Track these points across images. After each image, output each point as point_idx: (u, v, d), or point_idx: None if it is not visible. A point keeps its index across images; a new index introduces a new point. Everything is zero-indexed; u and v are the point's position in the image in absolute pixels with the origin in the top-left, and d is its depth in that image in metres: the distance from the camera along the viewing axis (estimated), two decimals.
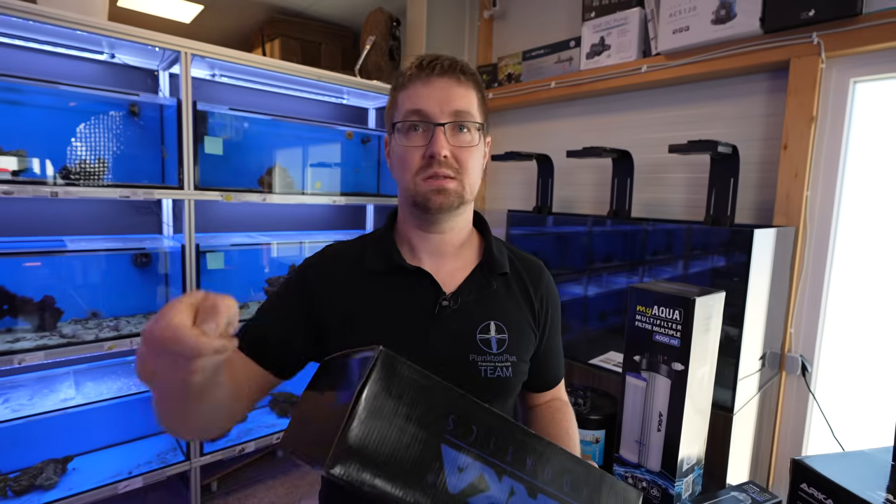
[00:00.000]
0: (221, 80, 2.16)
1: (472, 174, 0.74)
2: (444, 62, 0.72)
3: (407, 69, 0.73)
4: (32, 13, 1.42)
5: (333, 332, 0.73)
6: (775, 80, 1.66)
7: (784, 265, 1.58)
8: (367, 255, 0.78)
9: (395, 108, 0.74)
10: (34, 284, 1.72)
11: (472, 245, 0.83)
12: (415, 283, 0.75)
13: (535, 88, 2.28)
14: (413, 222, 0.78)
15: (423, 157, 0.71)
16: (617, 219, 1.90)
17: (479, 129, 0.74)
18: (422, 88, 0.71)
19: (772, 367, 1.62)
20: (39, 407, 1.63)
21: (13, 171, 1.57)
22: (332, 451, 0.41)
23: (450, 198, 0.72)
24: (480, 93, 0.76)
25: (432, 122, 0.70)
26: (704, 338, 0.95)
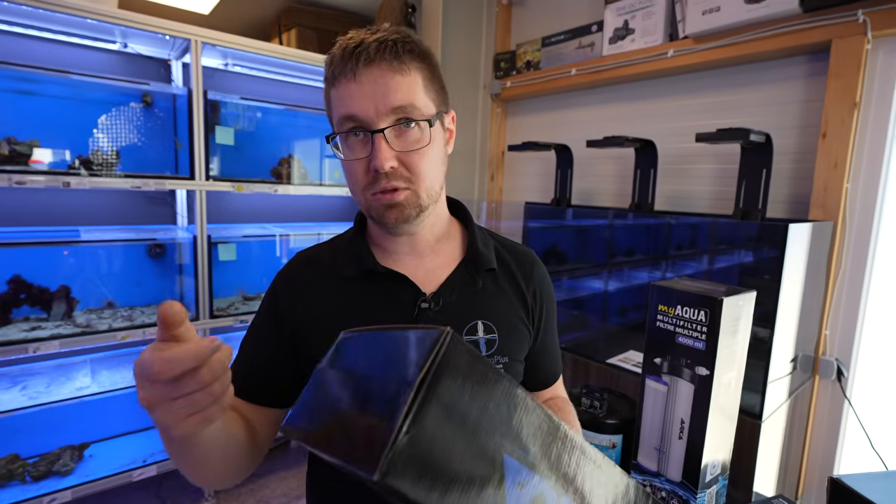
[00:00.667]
0: (234, 70, 2.13)
1: (427, 178, 0.63)
2: (370, 46, 0.58)
3: (332, 59, 0.61)
4: (43, 1, 1.41)
5: (310, 345, 0.68)
6: (814, 63, 1.54)
7: (820, 262, 1.47)
8: (338, 259, 0.71)
9: (331, 110, 0.64)
10: (50, 274, 1.74)
11: (453, 238, 0.75)
12: (391, 287, 0.68)
13: (555, 76, 2.19)
14: (379, 228, 0.70)
15: (368, 170, 0.61)
16: (639, 212, 1.82)
17: (430, 121, 0.63)
18: (351, 86, 0.59)
19: (804, 371, 1.52)
20: (56, 395, 1.65)
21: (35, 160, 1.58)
22: (387, 456, 0.32)
23: (405, 211, 0.63)
24: (427, 67, 0.63)
25: (369, 130, 0.60)
26: (732, 341, 0.88)
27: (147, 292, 1.99)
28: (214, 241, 1.85)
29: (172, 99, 1.90)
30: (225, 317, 1.90)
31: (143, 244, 1.94)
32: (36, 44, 1.72)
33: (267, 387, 0.68)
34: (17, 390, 1.66)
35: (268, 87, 2.27)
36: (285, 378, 0.69)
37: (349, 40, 0.61)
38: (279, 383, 0.68)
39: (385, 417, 0.34)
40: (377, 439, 0.33)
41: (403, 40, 0.61)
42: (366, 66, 0.59)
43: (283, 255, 2.26)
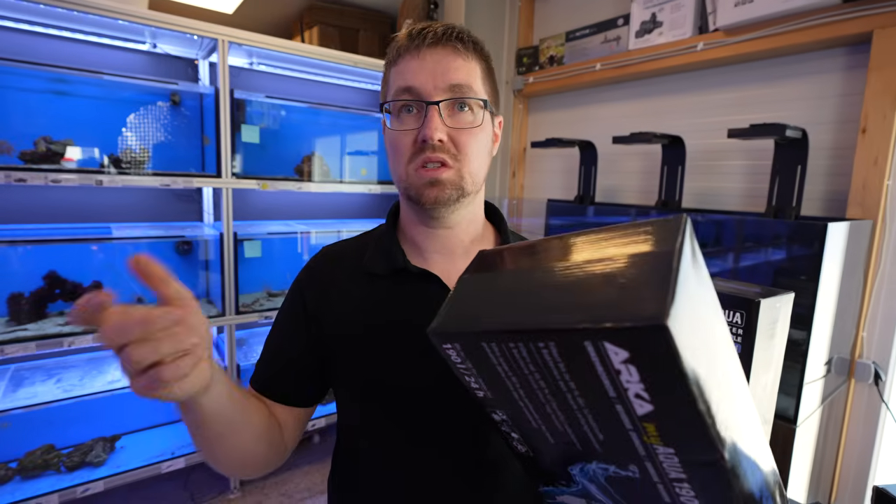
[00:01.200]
0: (259, 69, 2.16)
1: (472, 161, 0.63)
2: (436, 29, 0.61)
3: (397, 40, 0.64)
4: (75, 3, 1.44)
5: (337, 346, 0.67)
6: (853, 56, 1.49)
7: (857, 262, 1.42)
8: (367, 256, 0.69)
9: (387, 88, 0.65)
10: (83, 270, 1.79)
11: (486, 241, 0.73)
12: (422, 288, 0.66)
13: (579, 71, 2.16)
14: (414, 218, 0.68)
15: (416, 141, 0.61)
16: (666, 209, 1.78)
17: (484, 108, 0.64)
18: (413, 62, 0.61)
19: (839, 374, 1.47)
20: (89, 387, 1.70)
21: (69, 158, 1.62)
22: (670, 292, 0.29)
23: (445, 190, 0.61)
24: (485, 63, 0.65)
25: (425, 101, 0.60)
26: (769, 344, 0.85)
27: None
28: (240, 238, 1.88)
29: (199, 98, 1.93)
30: (250, 312, 1.93)
31: (171, 241, 1.97)
32: (69, 45, 1.77)
33: (293, 385, 0.67)
34: (52, 383, 1.71)
35: (291, 86, 2.29)
36: (311, 376, 0.68)
37: (415, 25, 0.63)
38: (305, 381, 0.68)
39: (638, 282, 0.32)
40: (636, 294, 0.31)
41: (469, 33, 0.63)
42: (430, 46, 0.61)
43: (305, 252, 2.28)
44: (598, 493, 0.43)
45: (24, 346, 1.49)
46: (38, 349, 1.52)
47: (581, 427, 0.38)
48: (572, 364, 0.33)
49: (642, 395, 0.32)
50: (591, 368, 0.32)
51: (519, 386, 0.39)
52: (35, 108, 1.66)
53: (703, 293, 0.36)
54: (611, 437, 0.37)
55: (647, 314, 0.28)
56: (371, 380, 0.65)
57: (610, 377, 0.32)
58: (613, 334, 0.30)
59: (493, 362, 0.38)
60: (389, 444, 0.65)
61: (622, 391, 0.32)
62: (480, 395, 0.43)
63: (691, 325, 0.31)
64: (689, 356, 0.30)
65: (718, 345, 0.36)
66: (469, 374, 0.42)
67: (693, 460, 0.34)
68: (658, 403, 0.32)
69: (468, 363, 0.40)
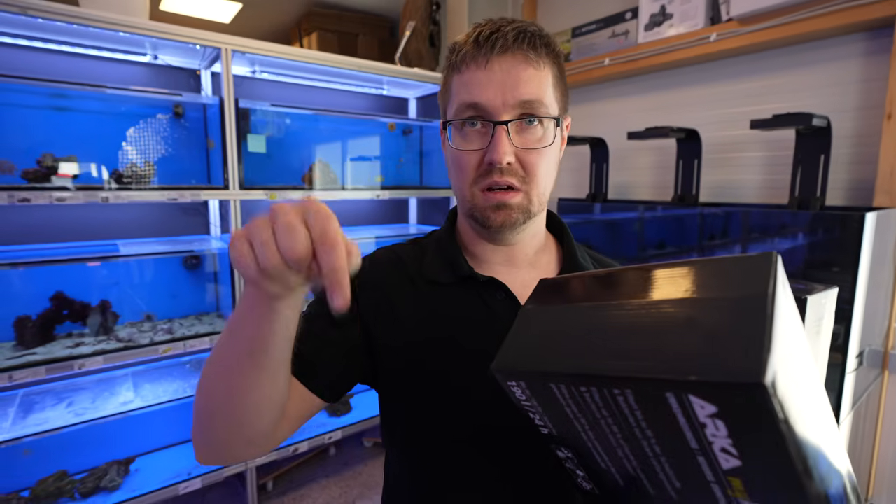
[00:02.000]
0: (262, 77, 2.12)
1: (541, 182, 0.59)
2: (507, 35, 0.55)
3: (462, 44, 0.58)
4: (75, 16, 1.40)
5: (386, 337, 0.62)
6: (876, 41, 1.45)
7: (886, 251, 1.39)
8: (426, 262, 0.66)
9: (449, 98, 0.61)
10: (91, 289, 1.75)
11: (549, 251, 0.70)
12: (488, 297, 0.63)
13: (587, 67, 2.12)
14: (475, 235, 0.66)
15: (481, 163, 0.57)
16: (683, 204, 1.74)
17: (556, 122, 0.59)
18: (479, 74, 0.56)
19: (871, 367, 1.43)
20: (102, 410, 1.65)
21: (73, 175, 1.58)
22: (766, 346, 0.27)
23: (513, 215, 0.58)
24: (558, 68, 0.60)
25: (491, 120, 0.56)
26: (816, 341, 0.81)
27: (184, 303, 1.99)
28: None
29: (203, 109, 1.89)
30: None
31: (178, 256, 1.93)
32: (68, 59, 1.72)
33: (324, 377, 0.60)
34: (63, 407, 1.67)
35: (294, 93, 2.25)
36: (343, 375, 0.62)
37: (483, 27, 0.57)
38: (335, 378, 0.61)
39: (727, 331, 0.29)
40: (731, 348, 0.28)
41: (541, 33, 0.58)
42: (500, 55, 0.55)
43: None
44: None
45: (34, 371, 1.45)
46: (48, 373, 1.47)
47: (656, 474, 0.36)
48: (650, 413, 0.32)
49: (729, 451, 0.30)
50: (673, 419, 0.30)
51: (588, 428, 0.37)
52: (36, 125, 1.62)
53: (794, 336, 0.33)
54: (689, 487, 0.34)
55: (741, 369, 0.26)
56: (434, 390, 0.61)
57: (693, 429, 0.30)
58: (700, 388, 0.28)
59: (561, 403, 0.36)
60: (449, 458, 0.61)
61: (706, 444, 0.30)
62: (545, 431, 0.41)
63: (787, 377, 0.28)
64: (786, 412, 0.27)
65: (812, 387, 0.33)
66: (534, 412, 0.40)
67: None
68: (747, 460, 0.30)
69: (533, 401, 0.39)
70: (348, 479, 2.19)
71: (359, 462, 2.33)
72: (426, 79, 2.25)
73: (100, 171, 1.69)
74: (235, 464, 0.58)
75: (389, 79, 2.22)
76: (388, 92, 2.52)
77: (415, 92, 2.55)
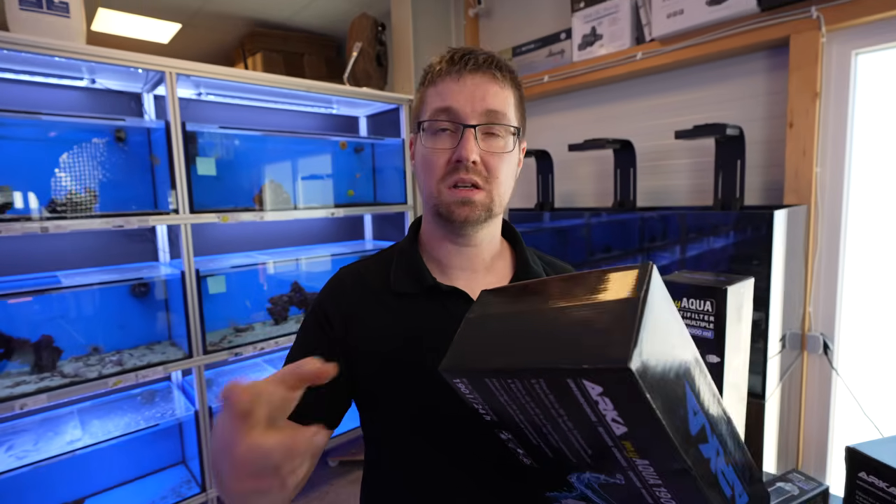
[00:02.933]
0: (208, 99, 2.10)
1: (502, 184, 0.67)
2: (478, 56, 0.64)
3: (437, 63, 0.67)
4: (7, 41, 1.35)
5: (367, 365, 0.67)
6: (775, 58, 1.64)
7: (797, 244, 1.55)
8: (392, 275, 0.71)
9: (423, 106, 0.68)
10: (30, 324, 1.66)
11: (504, 257, 0.77)
12: (451, 305, 0.68)
13: (528, 84, 2.24)
14: (440, 234, 0.71)
15: (450, 161, 0.64)
16: (623, 209, 1.87)
17: (514, 135, 0.67)
18: (453, 85, 0.64)
19: (792, 348, 1.59)
20: (45, 451, 1.56)
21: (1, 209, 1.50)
22: (635, 338, 0.35)
23: (476, 210, 0.65)
24: (518, 92, 0.69)
25: (462, 123, 0.63)
26: (737, 327, 0.92)
27: (133, 333, 1.92)
28: (203, 275, 1.80)
29: (147, 133, 1.85)
30: (218, 351, 1.84)
31: (125, 285, 1.86)
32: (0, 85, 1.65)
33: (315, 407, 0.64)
34: (2, 451, 1.56)
35: (241, 114, 2.24)
36: (334, 398, 0.67)
37: (457, 50, 0.66)
38: (328, 403, 0.67)
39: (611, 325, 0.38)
40: (607, 339, 0.37)
41: (506, 62, 0.67)
42: (471, 71, 0.64)
43: (265, 284, 2.21)
44: (594, 497, 0.50)
45: None
46: None
47: (573, 445, 0.44)
48: (559, 396, 0.40)
49: (617, 420, 0.39)
50: (575, 399, 0.39)
51: (519, 412, 0.45)
52: None
53: (670, 328, 0.43)
54: (597, 452, 0.43)
55: (614, 357, 0.35)
56: (403, 396, 0.66)
57: (590, 406, 0.39)
58: (589, 374, 0.36)
59: (495, 394, 0.45)
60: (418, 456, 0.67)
61: (601, 416, 0.39)
62: (487, 418, 0.50)
63: (657, 360, 0.37)
64: (653, 388, 0.36)
65: (689, 368, 0.43)
66: (476, 403, 0.48)
67: (665, 469, 0.41)
68: (630, 426, 0.39)
69: (475, 394, 0.47)
70: (314, 500, 2.16)
71: (324, 482, 2.30)
72: (375, 97, 2.30)
73: (39, 201, 1.62)
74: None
75: (339, 98, 2.25)
76: (339, 111, 2.55)
77: (365, 110, 2.59)
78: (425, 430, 0.66)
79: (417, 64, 2.49)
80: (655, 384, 0.37)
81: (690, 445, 0.41)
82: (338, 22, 3.21)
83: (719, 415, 0.47)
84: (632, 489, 0.45)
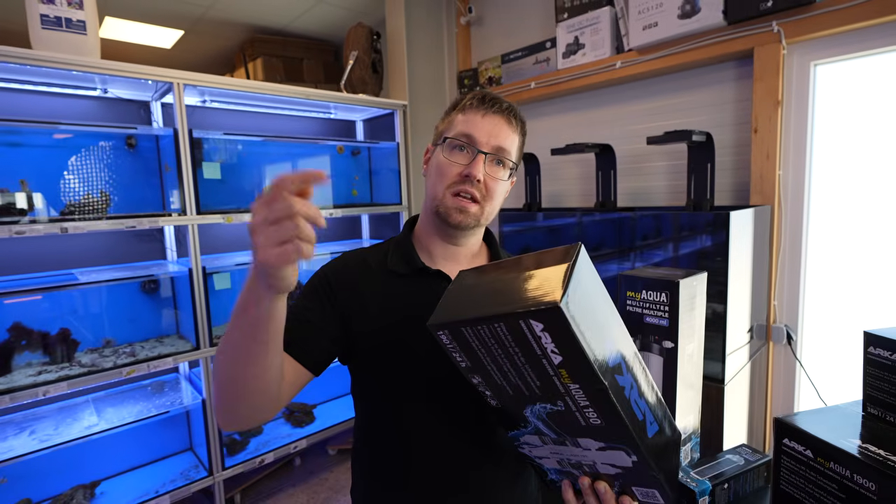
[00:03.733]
0: (212, 106, 2.21)
1: (494, 203, 0.83)
2: (503, 104, 0.82)
3: (472, 97, 0.83)
4: (30, 58, 1.47)
5: (360, 325, 0.81)
6: (742, 68, 1.75)
7: (763, 241, 1.67)
8: (389, 258, 0.86)
9: (450, 125, 0.84)
10: (49, 318, 1.78)
11: (482, 256, 0.93)
12: (435, 285, 0.83)
13: (516, 90, 2.36)
14: (432, 230, 0.86)
15: (460, 174, 0.79)
16: (604, 209, 1.99)
17: (512, 169, 0.84)
18: (478, 117, 0.80)
19: (759, 339, 1.71)
20: (66, 435, 1.69)
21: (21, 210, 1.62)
22: (564, 287, 0.49)
23: (469, 219, 0.80)
24: (523, 139, 0.87)
25: (477, 148, 0.79)
26: (690, 316, 1.03)
27: (143, 327, 2.04)
28: (210, 272, 1.92)
29: (156, 139, 1.97)
30: None
31: (136, 281, 1.99)
32: (17, 96, 1.77)
33: (309, 343, 0.76)
34: (25, 436, 1.69)
35: (244, 120, 2.36)
36: (325, 347, 0.78)
37: (488, 92, 0.84)
38: (319, 350, 0.78)
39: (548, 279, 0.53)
40: (546, 290, 0.50)
41: (519, 113, 0.86)
42: (495, 112, 0.81)
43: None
44: (544, 428, 0.63)
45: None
46: (12, 402, 1.51)
47: (526, 379, 0.58)
48: (515, 336, 0.53)
49: (555, 351, 0.52)
50: (525, 337, 0.52)
51: (486, 354, 0.59)
52: None
53: (594, 288, 0.58)
54: (544, 382, 0.57)
55: (548, 301, 0.49)
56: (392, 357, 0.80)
57: (535, 341, 0.52)
58: (533, 314, 0.50)
59: (468, 340, 0.58)
60: (403, 404, 0.81)
61: (544, 349, 0.52)
62: (463, 365, 0.63)
63: (581, 306, 0.52)
64: (577, 324, 0.50)
65: (606, 319, 0.58)
66: (455, 351, 0.61)
67: (590, 390, 0.54)
68: (564, 355, 0.52)
69: (454, 343, 0.60)
70: (314, 485, 2.29)
71: (324, 469, 2.43)
72: (371, 104, 2.42)
73: (58, 203, 1.74)
74: (250, 428, 0.74)
75: (337, 104, 2.37)
76: (336, 116, 2.67)
77: (361, 115, 2.71)
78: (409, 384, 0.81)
79: (411, 70, 2.60)
80: (580, 320, 0.50)
81: (608, 372, 0.54)
82: (335, 28, 3.33)
83: (636, 365, 0.62)
84: (569, 413, 0.58)
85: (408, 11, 2.55)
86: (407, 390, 0.81)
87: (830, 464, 0.76)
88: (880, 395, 0.82)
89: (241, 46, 3.58)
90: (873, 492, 0.68)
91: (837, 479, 0.74)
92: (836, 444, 0.76)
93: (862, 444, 0.76)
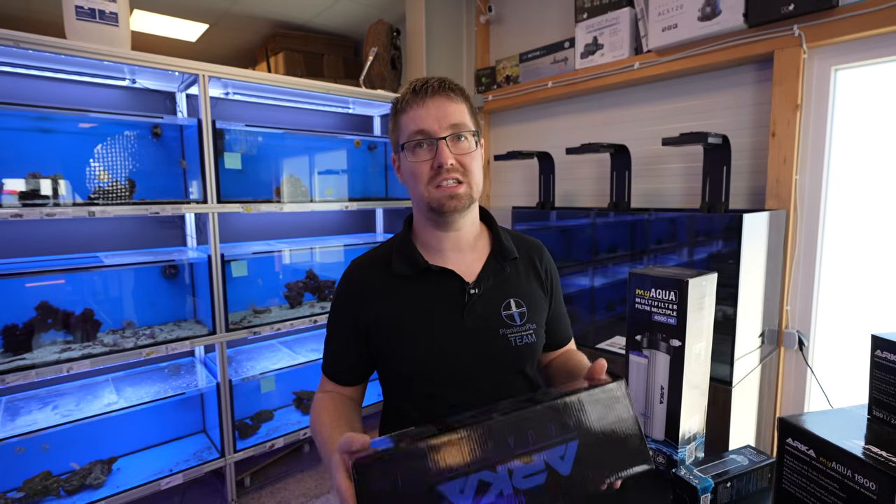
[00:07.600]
0: (234, 98, 2.27)
1: (475, 176, 0.85)
2: (433, 83, 0.83)
3: (403, 95, 0.85)
4: (66, 48, 1.53)
5: (380, 335, 0.87)
6: (761, 71, 1.74)
7: (778, 246, 1.66)
8: (393, 262, 0.89)
9: (399, 131, 0.85)
10: (74, 299, 1.85)
11: (483, 237, 0.95)
12: (442, 280, 0.86)
13: (533, 89, 2.37)
14: (430, 225, 0.89)
15: (432, 168, 0.82)
16: (617, 210, 1.99)
17: (475, 136, 0.85)
18: (420, 110, 0.82)
19: (771, 343, 1.70)
20: (87, 411, 1.75)
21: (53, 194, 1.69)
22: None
23: (462, 201, 0.83)
24: (469, 103, 0.88)
25: (435, 138, 0.81)
26: (699, 315, 1.04)
27: (162, 311, 2.10)
28: (228, 259, 1.97)
29: (180, 129, 2.03)
30: (239, 329, 2.02)
31: (157, 266, 2.05)
32: (50, 84, 1.84)
33: (354, 373, 0.92)
34: (49, 410, 1.76)
35: (265, 113, 2.41)
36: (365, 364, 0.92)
37: (416, 82, 0.85)
38: (360, 370, 0.92)
39: None
40: None
41: (453, 83, 0.86)
42: (431, 97, 0.83)
43: (282, 271, 2.39)
44: None
45: (25, 374, 1.54)
46: (38, 376, 1.57)
47: None
48: None
49: None
50: None
51: None
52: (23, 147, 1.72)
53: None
54: None
55: None
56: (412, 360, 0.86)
57: None
58: None
59: None
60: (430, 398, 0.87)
61: None
62: None
63: None
64: None
65: None
66: None
67: None
68: None
69: None
70: (322, 472, 2.33)
71: None
72: (389, 99, 2.45)
73: (85, 188, 1.80)
74: None
75: (355, 99, 2.41)
76: (354, 110, 2.71)
77: (378, 110, 2.74)
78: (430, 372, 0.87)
79: (429, 67, 2.63)
80: None
81: None
82: (355, 24, 3.37)
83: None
84: None
85: (428, 9, 2.58)
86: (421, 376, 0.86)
87: (832, 464, 0.76)
88: (886, 398, 0.83)
89: (263, 41, 3.64)
90: (873, 491, 0.69)
91: (839, 479, 0.75)
92: (840, 445, 0.76)
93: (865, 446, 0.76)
